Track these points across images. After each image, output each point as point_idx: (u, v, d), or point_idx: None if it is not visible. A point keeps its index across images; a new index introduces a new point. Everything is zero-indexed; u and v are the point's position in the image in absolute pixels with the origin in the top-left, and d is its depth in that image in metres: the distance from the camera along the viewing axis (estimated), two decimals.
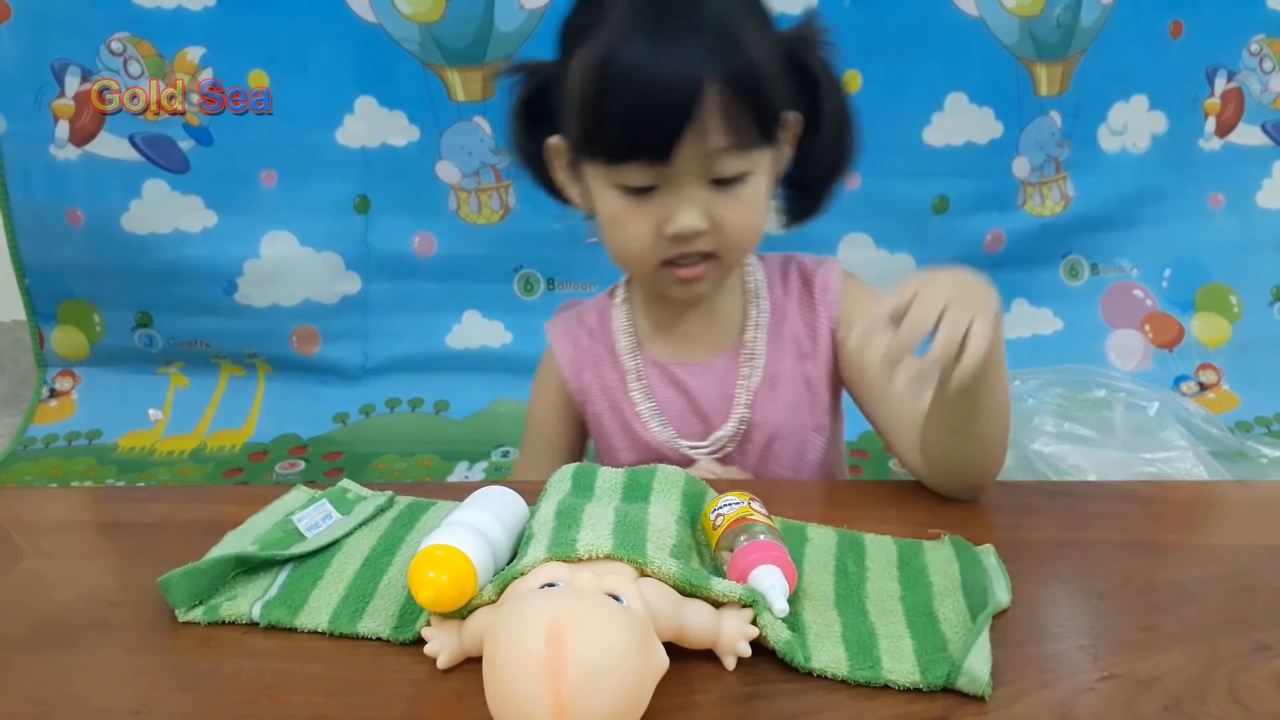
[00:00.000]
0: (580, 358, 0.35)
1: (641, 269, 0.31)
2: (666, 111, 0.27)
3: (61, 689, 0.21)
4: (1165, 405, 0.61)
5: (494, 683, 0.18)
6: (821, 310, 0.34)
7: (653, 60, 0.27)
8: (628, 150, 0.28)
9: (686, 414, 0.34)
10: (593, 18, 0.29)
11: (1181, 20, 0.83)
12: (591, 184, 0.30)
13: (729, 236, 0.30)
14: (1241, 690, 0.20)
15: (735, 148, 0.28)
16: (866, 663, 0.21)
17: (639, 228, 0.29)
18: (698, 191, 0.29)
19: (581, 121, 0.29)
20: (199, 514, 0.30)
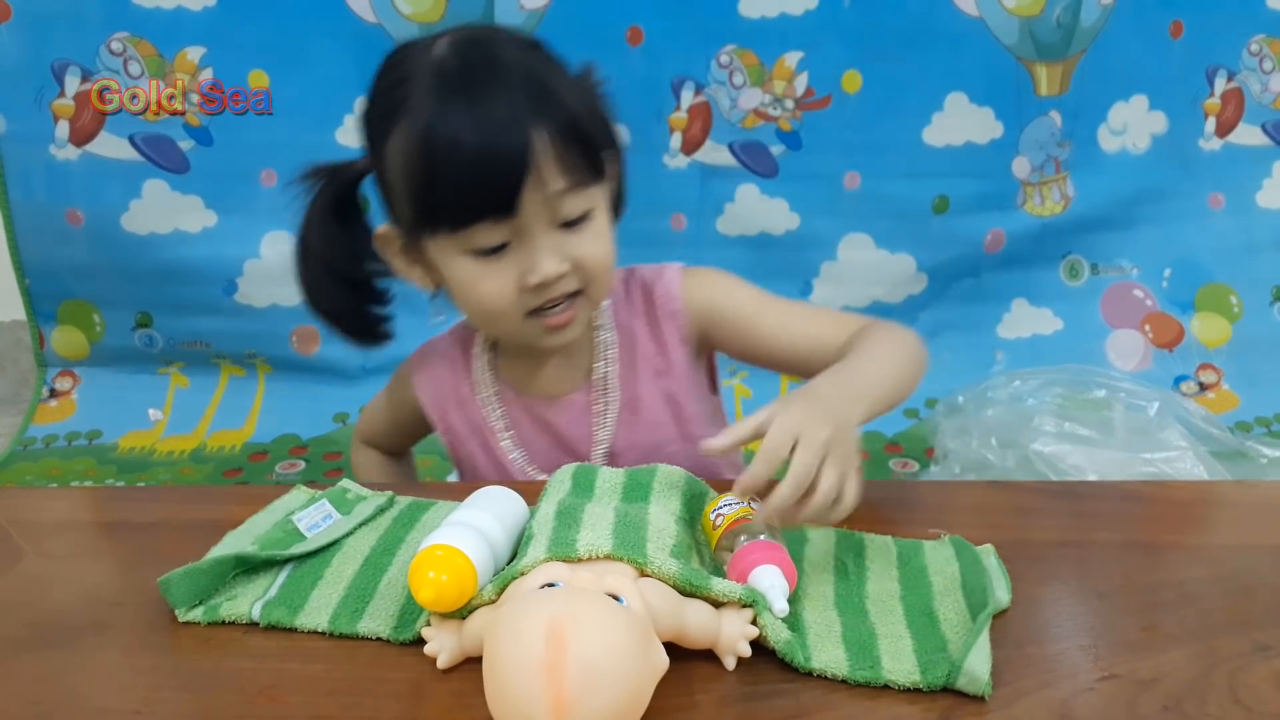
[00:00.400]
0: (443, 399, 0.35)
1: (509, 325, 0.30)
2: (505, 166, 0.27)
3: (61, 689, 0.21)
4: (1165, 405, 0.61)
5: (494, 682, 0.18)
6: (668, 324, 0.34)
7: (478, 120, 0.27)
8: (473, 212, 0.28)
9: (552, 449, 0.34)
10: (396, 101, 0.28)
11: (1181, 20, 0.83)
12: (438, 258, 0.30)
13: (589, 271, 0.30)
14: (1241, 690, 0.20)
15: (574, 187, 0.29)
16: (866, 663, 0.21)
17: (500, 285, 0.29)
18: (548, 237, 0.29)
19: (418, 198, 0.28)
20: (199, 514, 0.30)
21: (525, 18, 0.79)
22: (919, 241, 0.85)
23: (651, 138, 0.81)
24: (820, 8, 0.78)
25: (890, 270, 0.85)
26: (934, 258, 0.85)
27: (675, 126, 0.81)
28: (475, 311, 0.31)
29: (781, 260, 0.84)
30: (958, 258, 0.86)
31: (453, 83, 0.28)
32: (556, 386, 0.34)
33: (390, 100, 0.29)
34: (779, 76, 0.80)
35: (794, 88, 0.80)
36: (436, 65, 0.28)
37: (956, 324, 0.87)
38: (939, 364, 0.98)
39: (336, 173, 0.32)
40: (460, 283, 0.30)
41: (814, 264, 0.84)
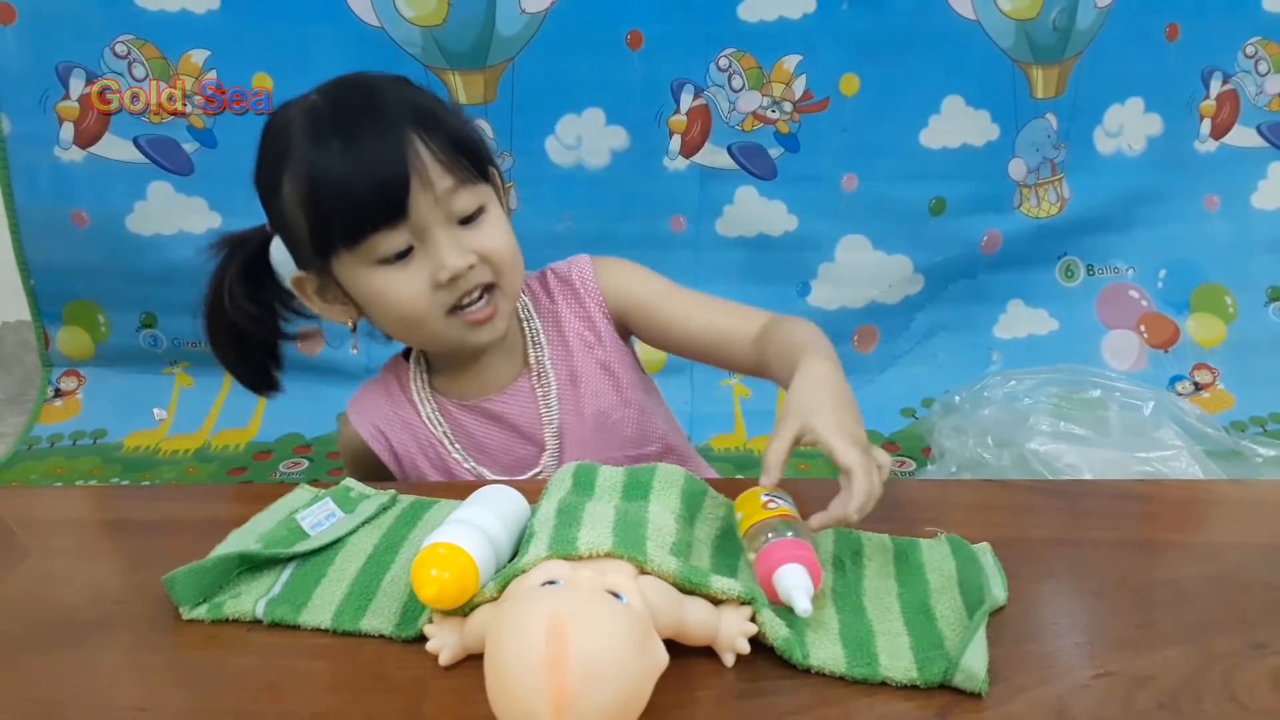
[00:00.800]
0: (383, 425, 0.35)
1: (430, 327, 0.31)
2: (386, 169, 0.28)
3: (66, 686, 0.21)
4: (1160, 405, 0.61)
5: (495, 679, 0.18)
6: (589, 300, 0.35)
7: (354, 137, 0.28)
8: (367, 221, 0.29)
9: (512, 441, 0.35)
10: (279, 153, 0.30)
11: (1177, 23, 0.84)
12: (349, 281, 0.31)
13: (495, 260, 0.31)
14: (1237, 688, 0.20)
15: (461, 184, 0.30)
16: (864, 660, 0.21)
17: (413, 288, 0.30)
18: (448, 234, 0.30)
19: (313, 225, 0.29)
20: (203, 513, 0.30)
21: (526, 21, 0.80)
22: (916, 243, 0.85)
23: (651, 140, 0.81)
24: (818, 11, 0.78)
25: (887, 271, 0.85)
26: (930, 259, 0.85)
27: (675, 129, 0.81)
28: (396, 320, 0.31)
29: (779, 261, 0.84)
30: (954, 259, 0.86)
31: (325, 117, 0.29)
32: (497, 382, 0.35)
33: (274, 153, 0.30)
34: (777, 79, 0.80)
35: (792, 90, 0.80)
36: (308, 109, 0.30)
37: (953, 324, 0.87)
38: (935, 364, 0.98)
39: (242, 242, 0.34)
40: (375, 295, 0.30)
41: (812, 265, 0.84)
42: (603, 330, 0.35)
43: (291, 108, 0.31)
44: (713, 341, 0.34)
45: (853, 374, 0.99)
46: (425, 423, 0.35)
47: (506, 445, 0.35)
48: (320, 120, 0.29)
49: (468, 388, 0.35)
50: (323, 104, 0.30)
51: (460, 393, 0.35)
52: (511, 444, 0.35)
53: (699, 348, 0.35)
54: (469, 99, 0.81)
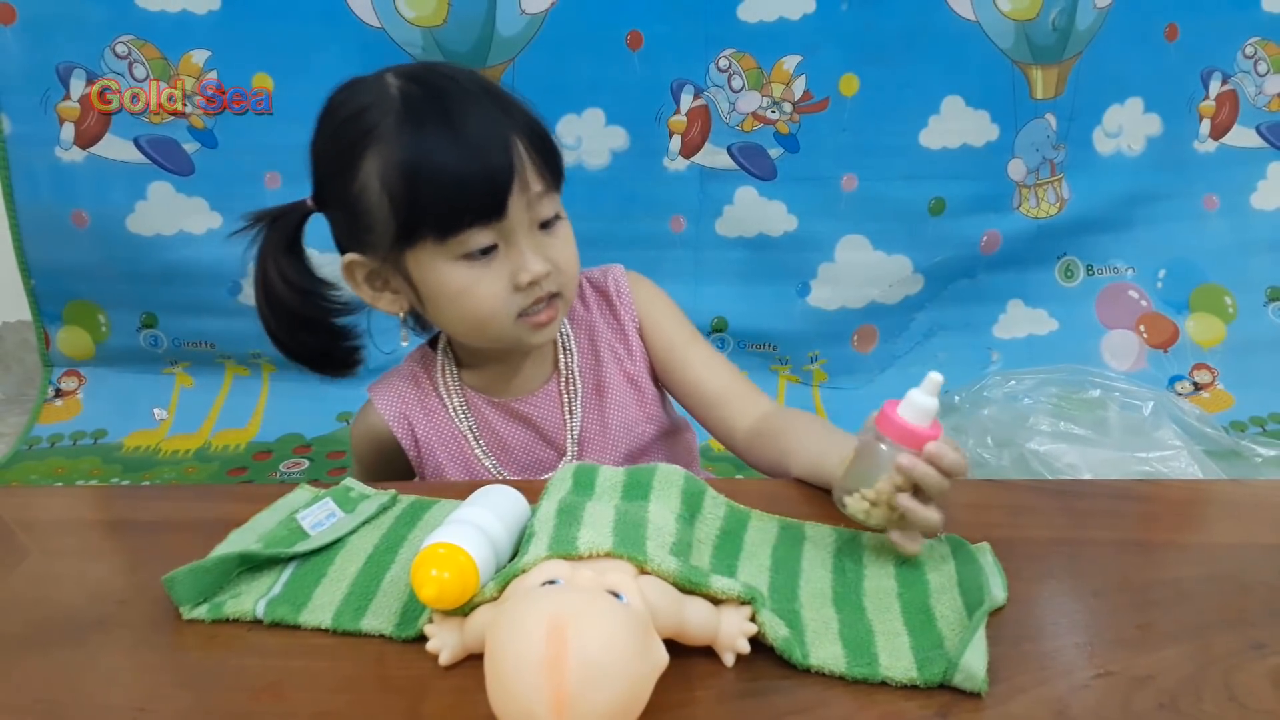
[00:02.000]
0: (408, 412, 0.35)
1: (499, 329, 0.31)
2: (494, 169, 0.29)
3: (66, 686, 0.21)
4: (1160, 405, 0.61)
5: (495, 679, 0.18)
6: (624, 312, 0.36)
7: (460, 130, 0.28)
8: (465, 217, 0.29)
9: (536, 444, 0.35)
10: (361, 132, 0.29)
11: (1176, 23, 0.84)
12: (425, 270, 0.30)
13: (564, 272, 0.32)
14: (1237, 688, 0.20)
15: (548, 190, 0.31)
16: (864, 659, 0.21)
17: (492, 289, 0.30)
18: (531, 239, 0.31)
19: (405, 213, 0.29)
20: (203, 512, 0.30)
21: (527, 22, 0.80)
22: (915, 243, 0.85)
23: (651, 141, 0.81)
24: (818, 12, 0.78)
25: (887, 271, 0.85)
26: (930, 259, 0.85)
27: (674, 129, 0.81)
28: (467, 318, 0.31)
29: (779, 261, 0.84)
30: (954, 259, 0.86)
31: (425, 104, 0.29)
32: (527, 385, 0.35)
33: (351, 130, 0.30)
34: (777, 80, 0.80)
35: (792, 91, 0.80)
36: (400, 94, 0.29)
37: (952, 324, 0.87)
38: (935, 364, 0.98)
39: (280, 216, 0.33)
40: (452, 291, 0.30)
41: (811, 265, 0.84)
42: (634, 344, 0.36)
43: (368, 89, 0.29)
44: (718, 399, 0.35)
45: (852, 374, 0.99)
46: (451, 415, 0.34)
47: (529, 446, 0.35)
48: (419, 106, 0.28)
49: (498, 386, 0.35)
50: (417, 90, 0.29)
51: (489, 390, 0.35)
52: (534, 446, 0.35)
53: (702, 399, 0.35)
54: None
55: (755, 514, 0.28)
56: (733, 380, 0.35)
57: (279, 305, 0.33)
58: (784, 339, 0.87)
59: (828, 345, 0.86)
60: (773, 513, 0.28)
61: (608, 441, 0.35)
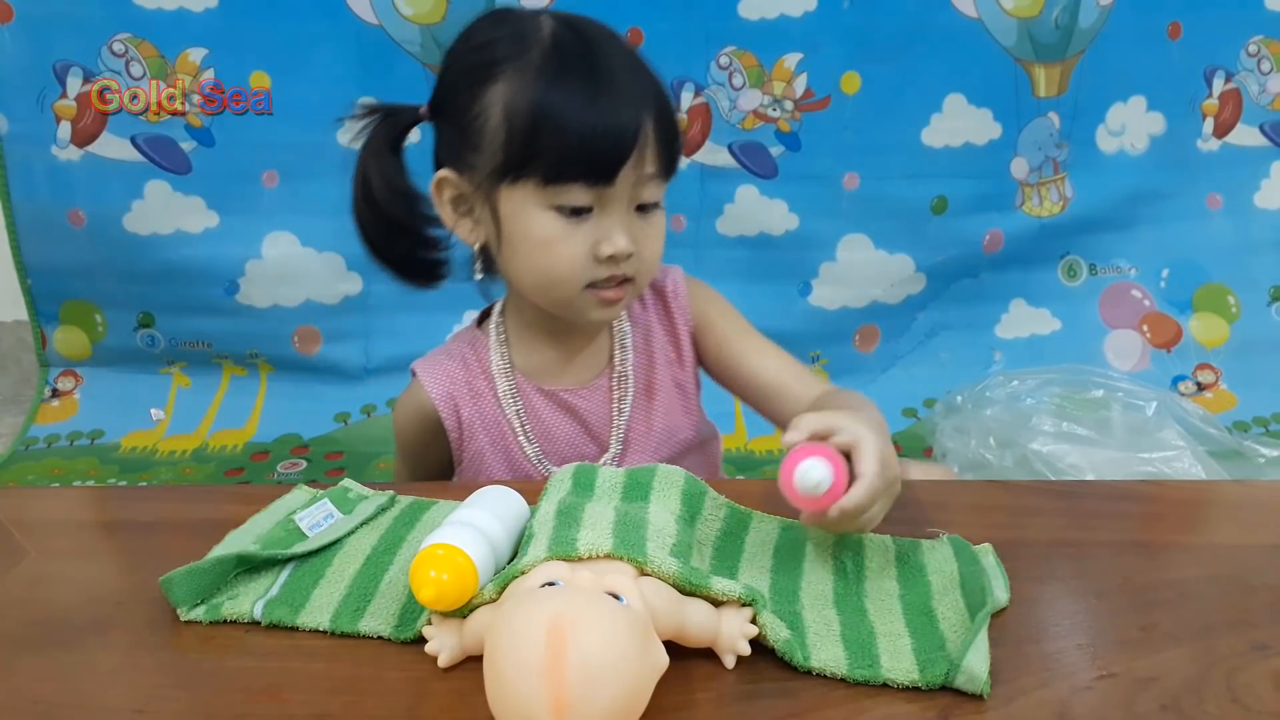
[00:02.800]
0: (455, 393, 0.34)
1: (566, 292, 0.31)
2: (618, 135, 0.28)
3: (63, 688, 0.21)
4: (1163, 405, 0.61)
5: (495, 681, 0.18)
6: (678, 316, 0.36)
7: (602, 88, 0.28)
8: (575, 170, 0.29)
9: (578, 437, 0.35)
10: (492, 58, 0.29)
11: (1180, 21, 0.83)
12: (515, 210, 0.30)
13: (645, 262, 0.31)
14: (1239, 689, 0.20)
15: (660, 175, 0.30)
16: (865, 661, 0.21)
17: (573, 249, 0.30)
18: (626, 216, 0.30)
19: (517, 148, 0.29)
20: (201, 513, 0.30)
21: None
22: (917, 242, 0.85)
23: None
24: (819, 9, 0.78)
25: (889, 271, 0.85)
26: (932, 258, 0.85)
27: None
28: (538, 271, 0.31)
29: (780, 261, 0.84)
30: (956, 258, 0.86)
31: (576, 51, 0.29)
32: (579, 376, 0.35)
33: (487, 55, 0.30)
34: (778, 78, 0.80)
35: (793, 89, 0.80)
36: (552, 35, 0.29)
37: (955, 324, 0.87)
38: (937, 364, 0.98)
39: (392, 112, 0.33)
40: (534, 238, 0.30)
41: (813, 264, 0.84)
42: (685, 350, 0.36)
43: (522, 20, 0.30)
44: (774, 389, 0.34)
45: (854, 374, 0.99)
46: (499, 399, 0.34)
47: (573, 439, 0.34)
48: (567, 52, 0.28)
49: (549, 373, 0.35)
50: (570, 37, 0.29)
51: (540, 377, 0.35)
52: (578, 439, 0.34)
53: (758, 390, 0.35)
54: None
55: (756, 515, 0.28)
56: (785, 366, 0.35)
57: (374, 202, 0.32)
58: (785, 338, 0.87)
59: (829, 345, 0.86)
60: (774, 514, 0.28)
61: (650, 443, 0.35)
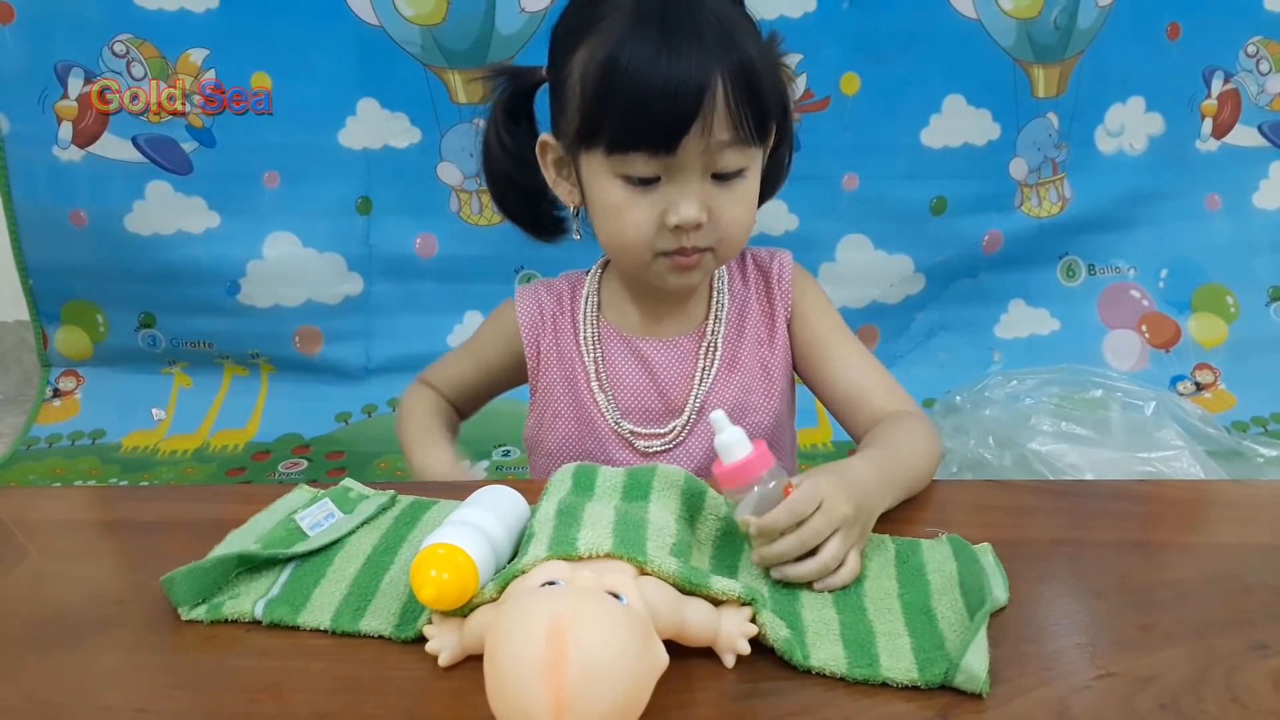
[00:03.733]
0: (542, 322, 0.35)
1: (637, 258, 0.31)
2: (676, 104, 0.28)
3: (65, 687, 0.21)
4: (1162, 405, 0.61)
5: (495, 680, 0.18)
6: (779, 300, 0.36)
7: (663, 53, 0.28)
8: (635, 140, 0.29)
9: (645, 390, 0.35)
10: (588, 20, 0.30)
11: (1179, 22, 0.84)
12: (590, 176, 0.31)
13: (725, 231, 0.31)
14: (1238, 689, 0.20)
15: (736, 143, 0.29)
16: (865, 660, 0.21)
17: (641, 216, 0.30)
18: (699, 184, 0.30)
19: (587, 112, 0.29)
20: (202, 513, 0.30)
21: (526, 20, 0.80)
22: (917, 242, 0.85)
23: None
24: (819, 10, 0.78)
25: (888, 271, 0.85)
26: (932, 258, 0.85)
27: None
28: (613, 236, 0.31)
29: None
30: (955, 258, 0.86)
31: (649, 14, 0.28)
32: (663, 330, 0.35)
33: (586, 16, 0.30)
34: None
35: (793, 90, 0.81)
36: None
37: (954, 324, 0.87)
38: (936, 364, 0.98)
39: (518, 75, 0.34)
40: (605, 205, 0.30)
41: (812, 265, 0.85)
42: (779, 334, 0.35)
43: None
44: (850, 399, 0.34)
45: None
46: (580, 342, 0.34)
47: (643, 393, 0.34)
48: (646, 15, 0.28)
49: (637, 324, 0.35)
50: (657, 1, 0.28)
51: (626, 325, 0.35)
52: (648, 394, 0.34)
53: (835, 396, 0.35)
54: (468, 98, 0.81)
55: None
56: (868, 378, 0.34)
57: (494, 162, 0.34)
58: None
59: None
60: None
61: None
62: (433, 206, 0.84)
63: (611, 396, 0.34)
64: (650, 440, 0.34)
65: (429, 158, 0.83)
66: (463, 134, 0.82)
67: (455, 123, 0.82)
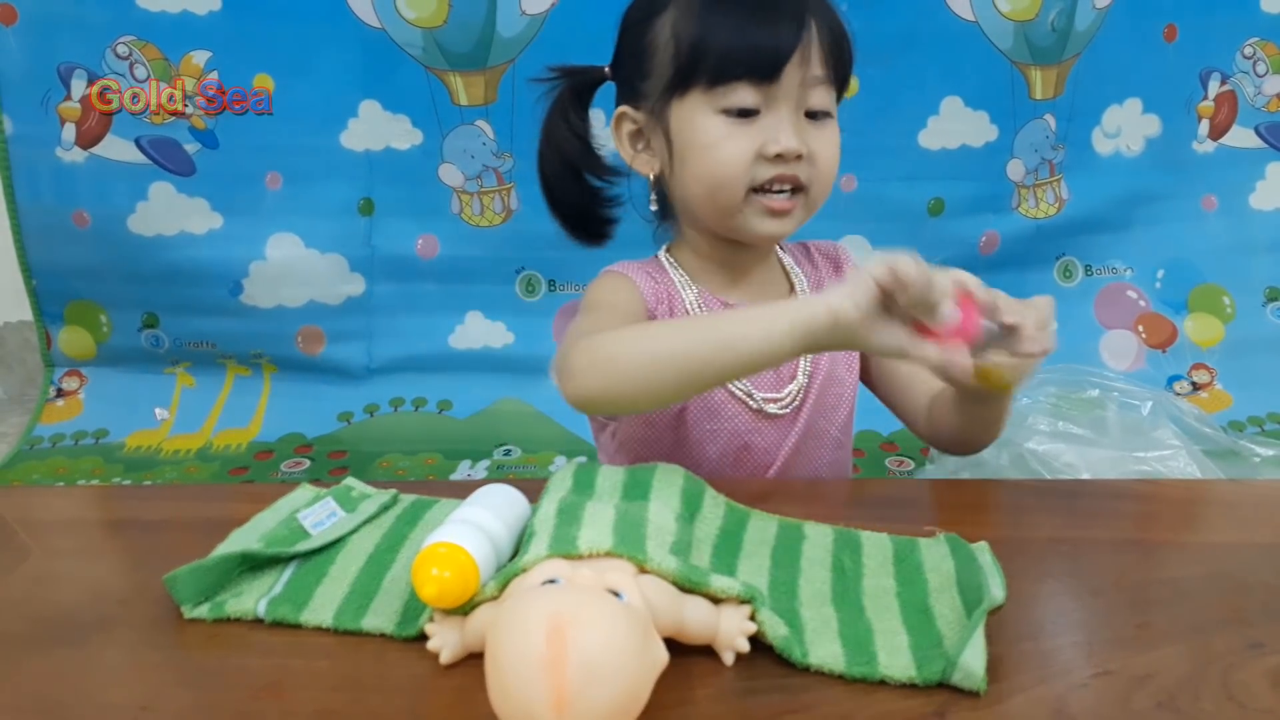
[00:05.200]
0: (658, 291, 0.34)
1: (730, 198, 0.31)
2: (780, 32, 0.29)
3: (68, 685, 0.21)
4: (1158, 405, 0.61)
5: (496, 678, 0.18)
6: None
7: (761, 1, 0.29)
8: (739, 69, 0.29)
9: None
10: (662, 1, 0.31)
11: (1175, 24, 0.84)
12: (683, 122, 0.31)
13: (819, 167, 0.32)
14: (1235, 687, 0.20)
15: (829, 80, 0.31)
16: (863, 658, 0.21)
17: (739, 148, 0.31)
18: (795, 118, 0.31)
19: (689, 54, 0.30)
20: (205, 512, 0.30)
21: (527, 23, 0.80)
22: (914, 243, 0.84)
23: None
24: None
25: None
26: (929, 259, 0.85)
27: None
28: (707, 176, 0.31)
29: None
30: (952, 259, 0.86)
31: None
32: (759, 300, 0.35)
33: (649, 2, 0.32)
34: None
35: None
36: None
37: None
38: None
39: (579, 73, 0.35)
40: (702, 143, 0.31)
41: None
42: None
43: None
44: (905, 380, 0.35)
45: None
46: (688, 309, 0.34)
47: None
48: None
49: (732, 292, 0.35)
50: None
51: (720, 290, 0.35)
52: None
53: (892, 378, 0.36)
54: (470, 100, 0.82)
55: (755, 513, 0.28)
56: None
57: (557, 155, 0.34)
58: None
59: None
60: (772, 512, 0.28)
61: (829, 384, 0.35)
62: (434, 208, 0.84)
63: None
64: (768, 403, 0.34)
65: (430, 159, 0.83)
66: (464, 135, 0.82)
67: (456, 125, 0.82)
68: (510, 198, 0.86)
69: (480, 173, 0.85)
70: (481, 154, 0.83)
